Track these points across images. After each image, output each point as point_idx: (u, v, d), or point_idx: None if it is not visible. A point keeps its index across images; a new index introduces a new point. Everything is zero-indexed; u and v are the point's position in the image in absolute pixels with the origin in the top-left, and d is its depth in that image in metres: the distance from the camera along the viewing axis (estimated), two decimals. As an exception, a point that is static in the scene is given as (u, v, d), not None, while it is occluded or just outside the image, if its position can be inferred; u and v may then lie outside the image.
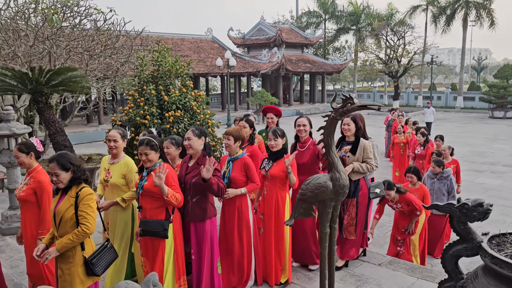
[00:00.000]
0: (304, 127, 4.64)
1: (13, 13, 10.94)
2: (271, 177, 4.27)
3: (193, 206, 3.82)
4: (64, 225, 3.28)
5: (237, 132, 4.14)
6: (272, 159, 4.34)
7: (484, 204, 2.57)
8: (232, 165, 4.12)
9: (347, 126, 4.70)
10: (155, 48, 5.72)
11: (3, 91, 8.22)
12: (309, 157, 4.59)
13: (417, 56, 30.44)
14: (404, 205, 5.42)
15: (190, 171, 3.86)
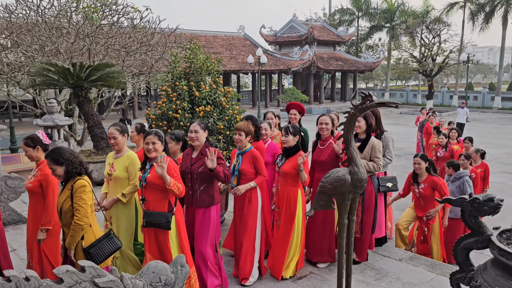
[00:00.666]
0: (326, 125, 4.71)
1: (56, 11, 11.54)
2: (282, 174, 4.43)
3: (201, 194, 4.05)
4: (65, 216, 3.53)
5: (247, 127, 4.33)
6: (285, 155, 4.46)
7: (494, 199, 2.67)
8: (241, 158, 4.30)
9: (357, 123, 4.73)
10: (187, 46, 5.99)
11: (47, 85, 8.80)
12: (329, 155, 4.65)
13: (453, 55, 29.68)
14: (428, 187, 5.33)
15: (195, 161, 4.08)
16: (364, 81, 59.05)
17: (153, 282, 3.12)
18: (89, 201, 3.52)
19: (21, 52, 10.76)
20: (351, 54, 36.92)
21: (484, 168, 7.07)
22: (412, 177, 5.60)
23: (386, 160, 5.15)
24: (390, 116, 27.42)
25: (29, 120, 20.37)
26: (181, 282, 3.27)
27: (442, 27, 28.47)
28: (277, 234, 4.54)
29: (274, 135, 5.59)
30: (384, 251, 5.30)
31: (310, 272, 4.69)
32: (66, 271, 2.80)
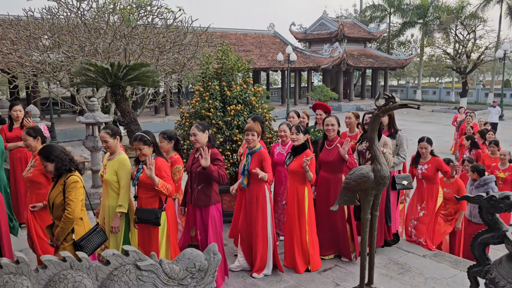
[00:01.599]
0: (332, 126, 4.83)
1: (95, 13, 12.11)
2: (290, 171, 4.63)
3: (199, 193, 4.22)
4: (57, 210, 3.69)
5: (258, 128, 4.51)
6: (293, 154, 4.65)
7: (510, 197, 2.81)
8: (250, 158, 4.47)
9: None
10: (219, 46, 6.27)
11: (87, 84, 9.30)
12: (336, 155, 4.76)
13: (489, 51, 28.84)
14: (432, 167, 5.45)
15: (195, 161, 4.27)
16: (396, 78, 58.00)
17: (189, 267, 3.41)
18: (80, 196, 3.69)
19: (62, 52, 11.37)
20: (382, 51, 36.42)
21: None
22: (414, 158, 5.72)
23: (400, 159, 5.30)
24: (421, 114, 26.97)
25: (68, 116, 21.31)
26: (213, 269, 3.54)
27: (478, 23, 27.72)
28: (290, 231, 4.71)
29: None
30: (409, 247, 5.44)
31: (335, 265, 4.90)
32: (112, 254, 3.13)
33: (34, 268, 2.86)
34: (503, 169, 6.86)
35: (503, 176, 6.78)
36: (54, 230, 3.77)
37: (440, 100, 34.44)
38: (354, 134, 5.55)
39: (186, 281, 3.41)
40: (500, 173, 6.84)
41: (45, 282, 2.90)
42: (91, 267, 3.06)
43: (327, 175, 4.82)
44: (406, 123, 22.45)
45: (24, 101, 18.25)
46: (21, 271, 2.80)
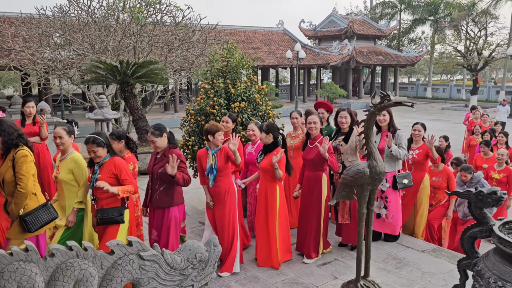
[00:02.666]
0: (315, 124, 4.85)
1: (105, 11, 12.32)
2: (261, 169, 4.70)
3: (161, 194, 4.17)
4: (8, 186, 3.64)
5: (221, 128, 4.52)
6: (264, 152, 4.71)
7: (497, 192, 2.90)
8: (216, 157, 4.46)
9: (344, 119, 5.09)
10: (224, 45, 6.41)
11: (97, 81, 9.52)
12: (317, 154, 4.76)
13: (501, 49, 28.52)
14: (423, 153, 5.60)
15: (157, 162, 4.23)
16: (407, 75, 57.61)
17: (190, 258, 3.56)
18: (31, 171, 3.63)
19: (73, 50, 11.60)
20: (393, 48, 36.22)
21: (508, 173, 6.69)
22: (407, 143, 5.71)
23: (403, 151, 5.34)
24: (431, 112, 26.84)
25: (79, 112, 21.64)
26: (213, 260, 3.69)
27: (489, 20, 27.43)
28: (259, 227, 4.78)
29: (297, 134, 5.84)
30: (408, 242, 5.53)
31: (334, 259, 5.01)
32: (116, 244, 3.29)
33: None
34: (499, 170, 6.72)
35: (497, 177, 6.63)
36: (8, 208, 3.74)
37: (451, 98, 34.19)
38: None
39: (187, 271, 3.56)
40: (495, 174, 6.70)
41: (53, 270, 3.07)
42: (96, 256, 3.22)
43: (309, 173, 4.90)
44: (415, 120, 22.33)
45: (36, 97, 18.61)
46: (30, 259, 2.97)
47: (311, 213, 4.90)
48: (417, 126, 5.82)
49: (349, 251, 5.21)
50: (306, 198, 4.98)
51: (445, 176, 5.79)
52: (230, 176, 4.61)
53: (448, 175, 5.78)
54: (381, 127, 5.49)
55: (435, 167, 5.88)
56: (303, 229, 5.02)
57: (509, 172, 6.65)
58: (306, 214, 4.97)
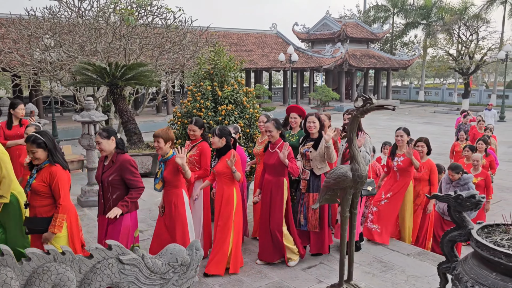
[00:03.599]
0: (271, 132, 4.73)
1: (96, 12, 12.27)
2: (217, 173, 4.58)
3: (114, 202, 3.96)
4: None
5: (166, 134, 4.23)
6: (218, 156, 4.62)
7: (476, 196, 2.90)
8: (164, 166, 4.27)
9: (312, 124, 4.92)
10: (212, 48, 6.39)
11: (86, 83, 9.47)
12: (277, 159, 4.67)
13: (492, 53, 28.77)
14: (407, 159, 5.46)
15: (106, 170, 4.00)
16: (400, 79, 57.95)
17: (171, 262, 3.52)
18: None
19: (63, 52, 11.53)
20: (386, 51, 36.42)
21: (484, 176, 6.74)
22: (391, 150, 5.73)
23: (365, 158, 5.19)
24: (423, 115, 26.98)
25: (70, 114, 21.52)
26: (195, 264, 3.66)
27: (481, 24, 27.66)
28: (216, 233, 4.64)
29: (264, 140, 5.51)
30: (394, 246, 5.53)
31: (319, 262, 5.00)
32: (95, 248, 3.25)
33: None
34: (475, 174, 6.71)
35: (475, 182, 6.59)
36: None
37: (443, 101, 34.40)
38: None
39: (168, 275, 3.53)
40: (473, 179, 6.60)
41: (29, 274, 3.03)
42: (74, 260, 3.18)
43: (269, 177, 4.81)
44: (408, 123, 22.50)
45: (27, 99, 18.49)
46: (5, 263, 2.92)
47: (272, 219, 4.78)
48: (399, 131, 5.68)
49: (336, 255, 5.20)
50: (266, 203, 4.85)
51: (428, 168, 5.71)
52: (179, 189, 4.35)
53: (430, 168, 5.71)
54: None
55: (420, 157, 5.77)
56: (264, 235, 4.88)
57: (487, 176, 6.70)
58: (267, 220, 4.83)
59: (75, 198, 7.74)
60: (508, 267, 2.51)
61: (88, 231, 6.18)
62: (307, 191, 4.95)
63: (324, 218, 4.97)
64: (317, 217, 4.93)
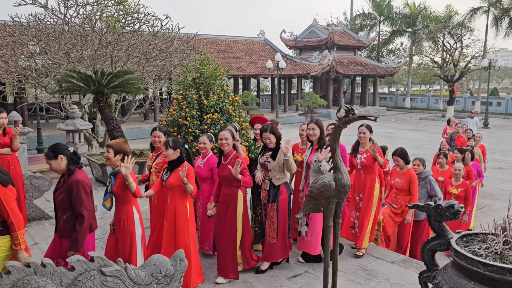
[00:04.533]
0: (226, 140, 4.69)
1: (82, 19, 12.21)
2: (169, 187, 4.40)
3: (64, 223, 3.73)
4: None
5: (118, 146, 4.06)
6: (170, 168, 4.44)
7: (455, 205, 2.95)
8: (114, 180, 4.09)
9: (268, 140, 4.86)
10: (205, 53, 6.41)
11: (71, 90, 9.36)
12: (230, 171, 4.59)
13: (477, 61, 29.31)
14: (370, 157, 5.40)
15: (59, 187, 3.78)
16: (387, 85, 58.64)
17: (154, 273, 3.51)
18: None
19: (48, 59, 11.43)
20: (372, 58, 36.84)
21: (465, 188, 6.68)
22: (354, 147, 5.65)
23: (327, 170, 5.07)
24: (409, 122, 27.30)
25: (56, 122, 21.30)
26: (179, 275, 3.65)
27: (465, 32, 28.19)
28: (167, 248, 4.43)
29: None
30: (378, 253, 5.57)
31: (305, 271, 5.02)
32: (77, 260, 3.22)
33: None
34: (456, 184, 6.66)
35: (455, 193, 6.62)
36: None
37: (429, 108, 34.89)
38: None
39: (152, 286, 3.52)
40: (453, 189, 6.69)
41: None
42: (55, 273, 3.15)
43: (224, 190, 4.75)
44: (394, 130, 22.74)
45: (11, 106, 18.24)
46: (-16, 277, 2.88)
47: (227, 232, 4.71)
48: (361, 128, 5.55)
49: (321, 264, 5.21)
50: (220, 216, 4.78)
51: (408, 178, 5.69)
52: (129, 205, 4.13)
53: (410, 178, 5.70)
54: (312, 141, 5.24)
55: (400, 168, 5.81)
56: (222, 250, 4.76)
57: (467, 187, 6.65)
58: (222, 233, 4.77)
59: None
60: (486, 276, 2.56)
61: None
62: (268, 201, 4.90)
63: (281, 229, 4.90)
64: (274, 227, 4.85)
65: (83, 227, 3.67)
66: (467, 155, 7.73)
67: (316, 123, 5.13)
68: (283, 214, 4.93)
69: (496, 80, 73.94)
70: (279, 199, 4.88)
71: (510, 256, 2.67)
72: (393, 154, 5.90)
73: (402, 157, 5.79)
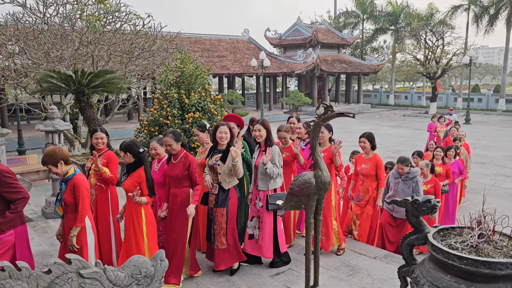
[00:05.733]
0: (171, 146, 4.57)
1: (62, 18, 12.01)
2: (125, 190, 4.29)
3: None
4: None
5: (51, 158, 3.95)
6: (127, 172, 4.36)
7: (432, 200, 2.99)
8: (64, 187, 4.01)
9: (224, 135, 4.70)
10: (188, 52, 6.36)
11: (51, 91, 9.22)
12: (181, 170, 4.52)
13: (458, 58, 29.77)
14: (327, 157, 5.22)
15: None
16: (371, 83, 59.20)
17: (134, 274, 3.47)
18: None
19: (28, 59, 11.22)
20: (356, 56, 37.15)
21: (434, 184, 6.70)
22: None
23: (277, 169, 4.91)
24: (393, 119, 27.60)
25: (37, 122, 20.96)
26: (160, 275, 3.61)
27: (446, 30, 28.59)
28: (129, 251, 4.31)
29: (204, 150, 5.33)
30: (361, 249, 5.62)
31: (288, 268, 5.02)
32: (54, 262, 3.16)
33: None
34: (425, 181, 6.61)
35: (425, 189, 6.57)
36: None
37: (412, 105, 35.33)
38: None
39: (132, 287, 3.48)
40: (423, 186, 6.59)
41: (-18, 292, 2.92)
42: (31, 276, 3.08)
43: (174, 189, 4.61)
44: (378, 127, 22.95)
45: (-9, 107, 17.87)
46: (-44, 282, 2.81)
47: (176, 233, 4.57)
48: (363, 139, 5.53)
49: (302, 260, 5.23)
50: (170, 217, 4.63)
51: (374, 163, 5.61)
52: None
53: (377, 163, 5.60)
54: (259, 142, 5.03)
55: (366, 154, 5.70)
56: (167, 253, 4.45)
57: (436, 183, 6.68)
58: (170, 236, 4.62)
59: (39, 209, 7.54)
60: (461, 269, 2.59)
61: (53, 243, 6.01)
62: (215, 205, 4.69)
63: (230, 233, 4.73)
64: (223, 233, 4.67)
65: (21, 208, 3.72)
66: (451, 152, 7.74)
67: (262, 124, 4.92)
68: (232, 219, 4.74)
69: (478, 76, 75.29)
70: (229, 203, 4.67)
71: (485, 249, 2.71)
72: (360, 136, 5.74)
73: (370, 140, 5.64)
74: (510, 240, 2.80)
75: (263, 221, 4.93)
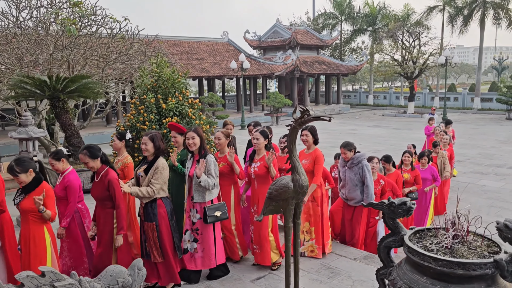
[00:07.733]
0: (87, 164, 4.35)
1: (36, 22, 11.75)
2: (22, 211, 4.09)
3: None
4: None
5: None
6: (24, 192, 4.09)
7: (407, 202, 3.02)
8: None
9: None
10: (166, 55, 6.28)
11: (25, 97, 9.02)
12: (100, 190, 4.31)
13: (434, 58, 30.36)
14: (263, 165, 4.92)
15: None
16: (351, 83, 59.86)
17: (111, 284, 3.40)
18: None
19: (0, 64, 10.94)
20: (335, 57, 37.48)
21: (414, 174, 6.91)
22: (250, 155, 5.07)
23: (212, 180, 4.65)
24: (372, 119, 27.95)
25: (13, 129, 20.44)
26: (137, 284, 3.55)
27: (422, 31, 29.13)
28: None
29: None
30: (342, 251, 5.65)
31: (268, 272, 5.01)
32: (26, 276, 3.07)
33: None
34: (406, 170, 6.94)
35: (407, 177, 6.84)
36: None
37: (391, 104, 35.87)
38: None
39: (109, 298, 3.41)
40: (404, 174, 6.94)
41: (-50, 310, 2.81)
42: (2, 291, 2.99)
43: (98, 209, 4.40)
44: (358, 127, 23.20)
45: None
46: None
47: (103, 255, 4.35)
48: (256, 134, 4.99)
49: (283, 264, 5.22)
50: (98, 237, 4.42)
51: (313, 158, 5.25)
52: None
53: (316, 158, 5.23)
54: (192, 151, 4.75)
55: (307, 148, 5.35)
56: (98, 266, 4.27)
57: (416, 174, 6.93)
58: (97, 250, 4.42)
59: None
60: (437, 271, 2.61)
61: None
62: (145, 219, 4.50)
63: (165, 247, 4.50)
64: (158, 247, 4.46)
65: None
66: (423, 160, 7.43)
67: (195, 131, 4.66)
68: (166, 232, 4.50)
69: (454, 76, 76.93)
70: (158, 217, 4.45)
71: (459, 250, 2.75)
72: (303, 129, 5.30)
73: (312, 133, 5.31)
74: (483, 240, 2.85)
75: (202, 233, 4.70)
